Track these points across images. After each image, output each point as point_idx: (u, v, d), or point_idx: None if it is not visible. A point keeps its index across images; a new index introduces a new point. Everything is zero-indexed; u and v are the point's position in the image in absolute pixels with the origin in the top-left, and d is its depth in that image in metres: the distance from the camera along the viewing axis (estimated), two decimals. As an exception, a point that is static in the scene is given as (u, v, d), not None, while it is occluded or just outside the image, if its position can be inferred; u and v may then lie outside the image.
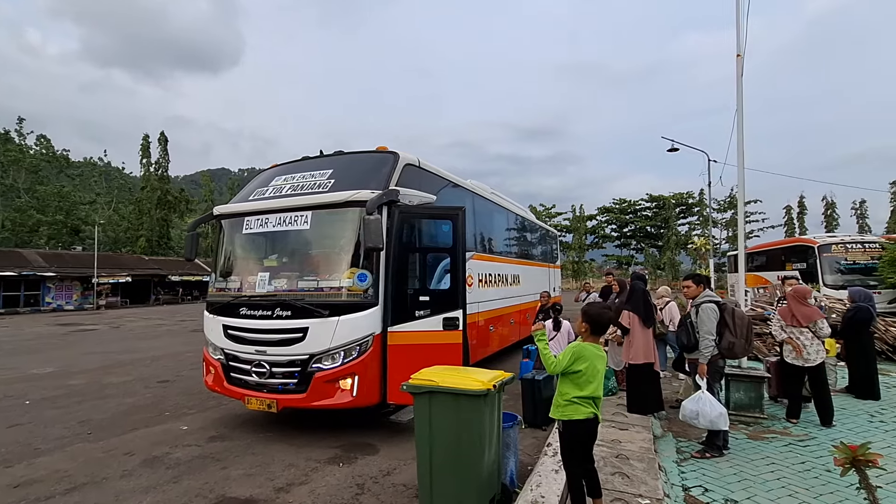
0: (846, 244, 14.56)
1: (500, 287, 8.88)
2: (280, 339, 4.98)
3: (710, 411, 3.92)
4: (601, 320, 3.06)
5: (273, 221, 5.39)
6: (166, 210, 48.74)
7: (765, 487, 3.59)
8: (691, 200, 45.62)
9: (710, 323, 4.20)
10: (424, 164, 6.18)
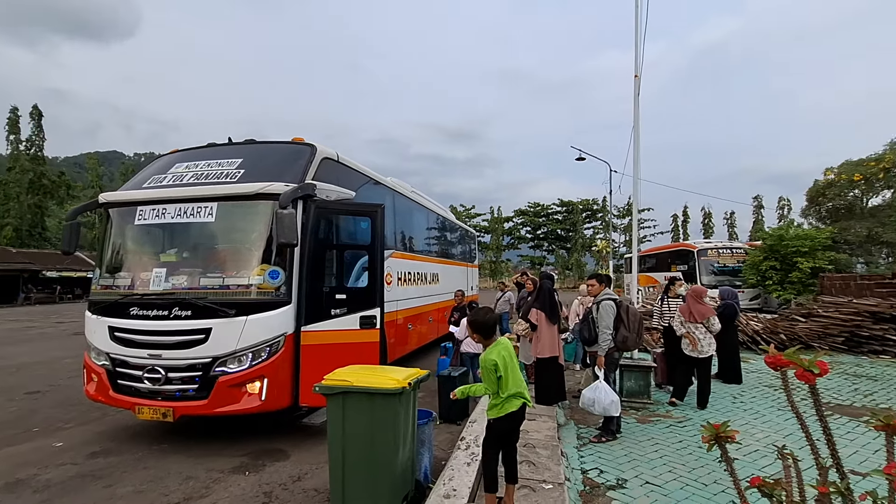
0: (718, 249, 16.81)
1: (419, 285, 8.95)
2: (178, 342, 4.58)
3: (605, 399, 4.31)
4: (489, 323, 3.14)
5: (172, 212, 4.93)
6: (41, 195, 42.13)
7: (650, 466, 4.02)
8: (596, 206, 49.47)
9: (608, 318, 4.60)
10: (343, 158, 6.03)
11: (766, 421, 5.19)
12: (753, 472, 3.46)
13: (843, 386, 6.76)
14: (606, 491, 3.59)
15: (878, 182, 22.63)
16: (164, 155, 6.05)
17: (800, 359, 1.59)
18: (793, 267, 14.10)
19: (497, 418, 3.06)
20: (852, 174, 22.95)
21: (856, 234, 20.74)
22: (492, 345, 3.11)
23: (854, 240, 20.74)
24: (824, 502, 1.60)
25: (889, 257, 21.99)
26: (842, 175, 23.62)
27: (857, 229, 20.90)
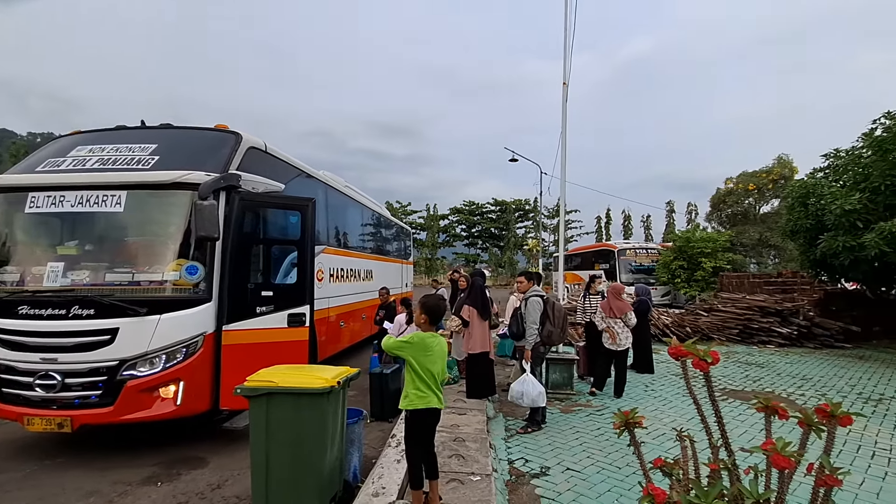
0: (636, 249, 18.20)
1: (352, 282, 8.78)
2: (78, 344, 4.14)
3: (532, 391, 4.51)
4: (440, 309, 3.25)
5: (71, 200, 4.44)
6: None
7: (571, 453, 4.26)
8: (528, 207, 51.31)
9: (535, 314, 4.81)
10: (272, 149, 5.76)
11: (673, 407, 5.69)
12: (660, 454, 3.79)
13: (737, 373, 7.59)
14: (531, 479, 3.76)
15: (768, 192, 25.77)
16: (63, 136, 5.42)
17: (696, 349, 1.77)
18: (698, 266, 15.59)
19: (413, 410, 3.09)
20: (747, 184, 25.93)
21: (749, 237, 23.49)
22: (433, 332, 3.18)
23: (748, 242, 23.48)
24: (715, 478, 1.79)
25: (776, 259, 25.06)
26: (739, 184, 26.60)
27: (750, 233, 23.69)
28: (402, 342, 3.05)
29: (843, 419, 1.65)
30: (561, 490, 3.57)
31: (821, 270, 10.84)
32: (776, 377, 7.36)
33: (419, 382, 3.05)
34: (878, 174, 8.62)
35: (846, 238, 8.80)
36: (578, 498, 3.45)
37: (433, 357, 3.08)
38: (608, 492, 3.54)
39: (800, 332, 10.24)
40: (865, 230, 8.56)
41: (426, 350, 3.05)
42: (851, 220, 8.73)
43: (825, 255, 9.48)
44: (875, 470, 3.97)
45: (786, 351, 9.75)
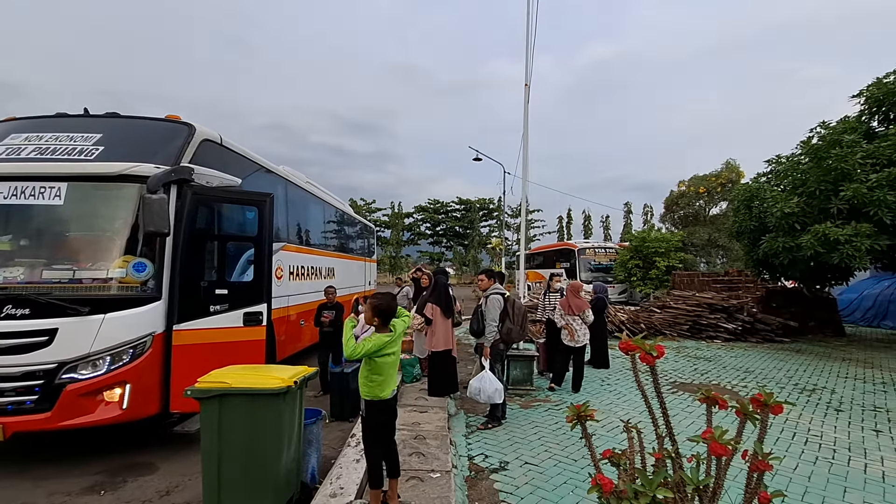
0: (595, 248, 18.77)
1: (313, 280, 8.60)
2: (11, 345, 3.85)
3: (489, 387, 4.57)
4: (391, 309, 3.21)
5: (4, 192, 4.13)
6: None
7: (529, 447, 4.35)
8: (492, 206, 51.90)
9: (494, 311, 4.88)
10: (228, 142, 5.56)
11: (627, 400, 5.91)
12: (613, 446, 3.93)
13: (686, 367, 7.98)
14: (490, 474, 3.81)
15: (717, 195, 27.20)
16: (-4, 122, 5.03)
17: (644, 344, 1.85)
18: (652, 265, 16.27)
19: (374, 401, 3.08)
20: (698, 187, 27.28)
21: (700, 237, 24.75)
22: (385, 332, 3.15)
23: (698, 243, 24.72)
24: (659, 466, 1.88)
25: (724, 258, 26.49)
26: (691, 187, 27.95)
27: (700, 234, 24.97)
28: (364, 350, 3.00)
29: (774, 408, 1.77)
30: (519, 484, 3.64)
31: (763, 269, 11.53)
32: (722, 370, 7.79)
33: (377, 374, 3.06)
34: (814, 180, 9.26)
35: (785, 239, 9.41)
36: (535, 491, 3.53)
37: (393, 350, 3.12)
38: (563, 484, 3.64)
39: (744, 328, 10.88)
40: (802, 232, 9.18)
41: (388, 347, 3.07)
42: (790, 222, 9.34)
43: (767, 255, 10.10)
44: (808, 455, 4.27)
45: (731, 345, 10.33)
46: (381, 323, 3.19)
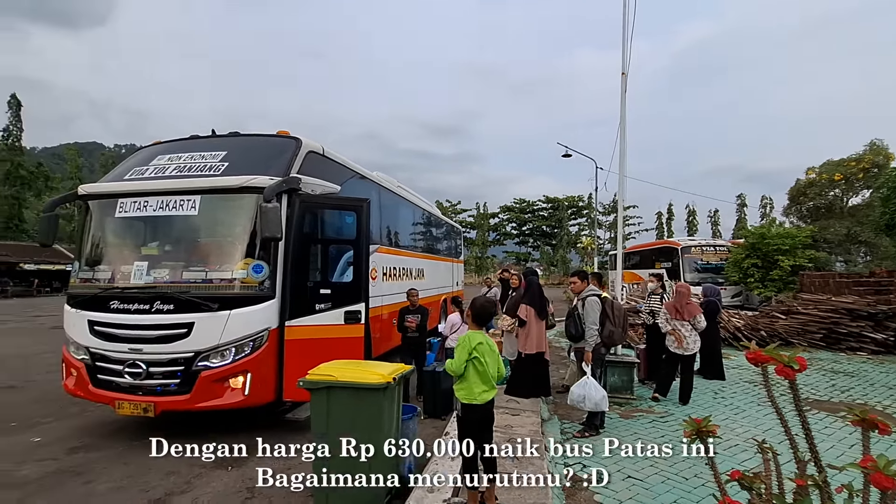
0: (702, 247, 17.05)
1: (404, 280, 8.91)
2: (160, 336, 4.50)
3: (595, 394, 4.35)
4: (484, 312, 3.30)
5: (154, 205, 4.83)
6: (18, 187, 41.00)
7: (632, 461, 4.06)
8: (581, 203, 49.82)
9: (593, 314, 4.64)
10: (329, 152, 5.96)
11: (746, 416, 5.29)
12: (733, 466, 3.53)
13: (821, 382, 6.92)
14: (589, 486, 3.62)
15: (857, 182, 23.19)
16: (145, 147, 5.91)
17: (780, 355, 1.62)
18: (774, 265, 14.37)
19: (469, 405, 3.10)
20: (833, 174, 23.48)
21: (835, 232, 21.22)
22: (477, 329, 3.22)
23: (833, 238, 21.22)
24: (802, 494, 1.63)
25: (867, 256, 22.57)
26: (822, 175, 24.14)
27: (836, 228, 21.39)
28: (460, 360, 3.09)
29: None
30: (622, 498, 3.42)
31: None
32: (869, 388, 6.64)
33: (477, 377, 3.07)
34: None
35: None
36: (641, 507, 3.29)
37: (485, 354, 3.10)
38: (674, 503, 3.34)
39: (897, 339, 9.17)
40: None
41: (479, 348, 3.07)
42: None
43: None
44: None
45: (880, 359, 8.76)
46: (476, 324, 3.23)
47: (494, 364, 3.15)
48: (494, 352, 3.17)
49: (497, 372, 3.15)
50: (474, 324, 3.25)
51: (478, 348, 3.06)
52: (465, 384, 3.10)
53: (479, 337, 3.14)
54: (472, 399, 3.07)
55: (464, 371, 3.08)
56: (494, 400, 3.18)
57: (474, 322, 3.27)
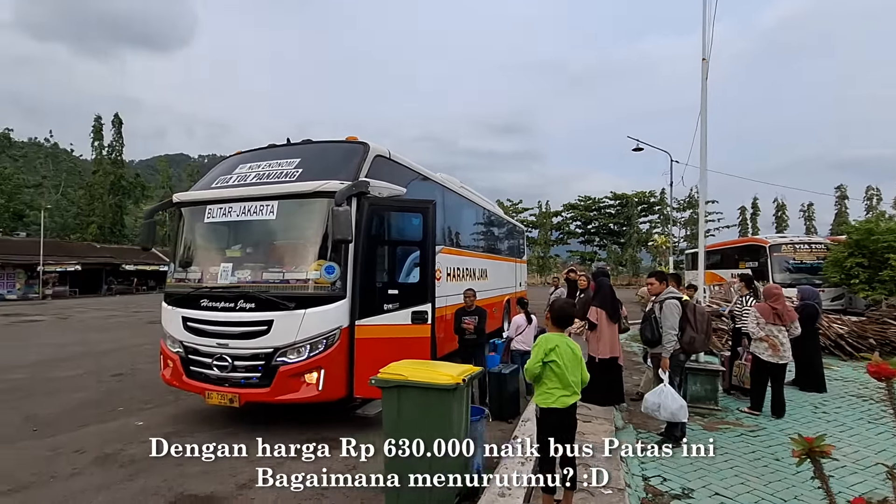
0: (795, 244, 15.41)
1: (467, 281, 8.89)
2: (243, 332, 4.82)
3: (671, 404, 4.07)
4: (563, 314, 3.20)
5: (237, 210, 5.19)
6: (120, 196, 46.22)
7: (719, 476, 3.76)
8: (653, 199, 47.12)
9: (672, 318, 4.34)
10: (395, 155, 6.09)
11: (853, 434, 4.72)
12: (840, 490, 3.15)
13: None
14: (671, 500, 3.40)
15: None
16: (227, 157, 6.37)
17: (915, 369, 1.40)
18: (883, 264, 12.66)
19: (545, 409, 3.02)
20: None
21: (959, 227, 18.34)
22: (558, 332, 3.13)
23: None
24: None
25: None
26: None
27: (961, 222, 18.49)
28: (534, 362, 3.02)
29: None
30: (709, 517, 3.16)
31: None
32: None
33: (554, 380, 2.98)
34: None
35: None
36: (732, 529, 3.02)
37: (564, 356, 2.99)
38: (770, 527, 3.04)
39: None
40: None
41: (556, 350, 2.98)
42: None
43: None
44: None
45: None
46: (556, 326, 3.15)
47: (576, 368, 3.03)
48: (577, 355, 3.05)
49: (581, 377, 3.03)
50: (554, 326, 3.17)
51: (555, 351, 2.96)
52: (542, 388, 3.02)
53: (557, 339, 3.04)
54: (549, 403, 2.97)
55: (540, 374, 2.99)
56: (576, 406, 3.07)
57: (554, 324, 3.18)
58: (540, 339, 3.07)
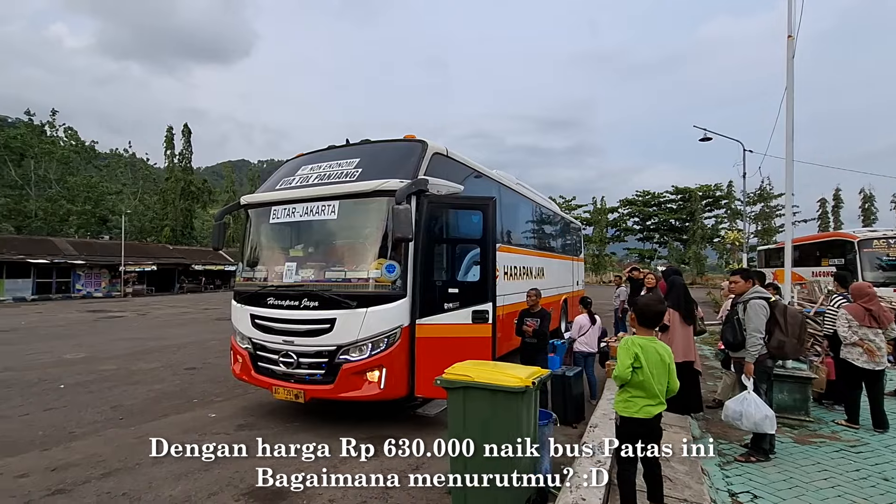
0: (889, 239, 13.85)
1: (524, 280, 8.69)
2: (307, 330, 4.92)
3: (756, 413, 3.71)
4: (648, 312, 2.94)
5: (300, 211, 5.32)
6: (190, 200, 49.73)
7: (819, 496, 3.38)
8: (718, 193, 44.21)
9: (758, 320, 3.96)
10: (452, 153, 6.01)
11: (980, 455, 4.11)
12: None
13: None
14: (765, 521, 3.08)
15: None
16: (287, 160, 6.55)
17: None
18: None
19: (626, 417, 2.82)
20: None
21: None
22: (645, 334, 2.91)
23: None
24: None
25: None
26: None
27: None
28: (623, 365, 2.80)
29: None
30: (812, 543, 2.83)
31: None
32: None
33: (638, 387, 2.79)
34: None
35: None
36: (843, 558, 2.68)
37: (649, 362, 2.78)
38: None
39: None
40: None
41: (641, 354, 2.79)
42: None
43: None
44: None
45: None
46: (635, 322, 2.94)
47: (663, 374, 2.80)
48: (665, 361, 2.82)
49: (669, 385, 2.81)
50: (641, 327, 2.95)
51: (639, 355, 2.76)
52: (625, 394, 2.82)
53: (643, 342, 2.83)
54: (631, 412, 2.77)
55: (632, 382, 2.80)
56: (661, 416, 2.84)
57: (639, 324, 2.96)
58: (624, 341, 2.86)
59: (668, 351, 2.86)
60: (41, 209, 39.53)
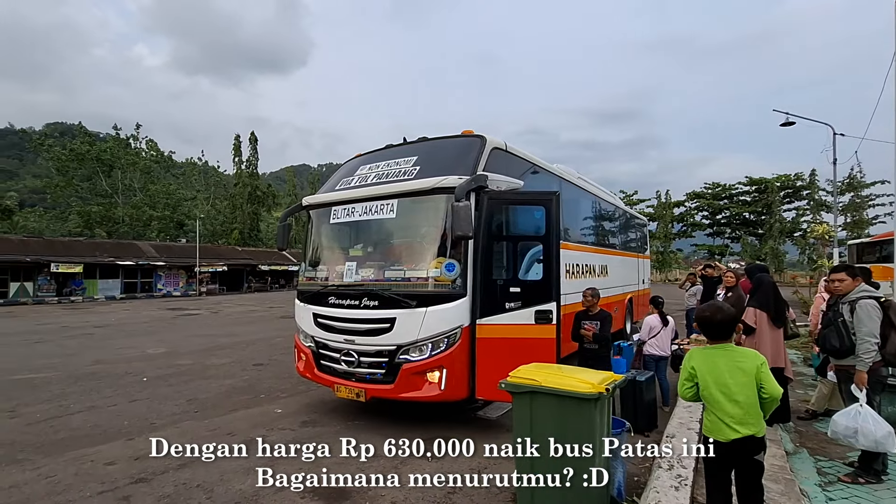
0: None
1: (587, 278, 8.29)
2: (368, 329, 4.93)
3: (875, 429, 3.23)
4: (713, 321, 2.53)
5: (359, 210, 5.34)
6: (256, 205, 52.75)
7: (954, 530, 2.88)
8: (799, 183, 40.44)
9: (871, 323, 3.46)
10: (511, 147, 5.82)
11: None
12: None
13: None
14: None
15: None
16: (345, 162, 6.63)
17: None
18: None
19: (706, 436, 2.54)
20: None
21: None
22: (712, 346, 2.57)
23: None
24: None
25: None
26: None
27: None
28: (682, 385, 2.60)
29: None
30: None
31: None
32: None
33: (710, 407, 2.49)
34: None
35: None
36: None
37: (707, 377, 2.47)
38: None
39: None
40: None
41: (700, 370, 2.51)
42: None
43: None
44: None
45: None
46: (709, 338, 2.60)
47: (740, 389, 2.37)
48: (743, 368, 2.39)
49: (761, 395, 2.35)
50: (709, 339, 2.61)
51: (696, 371, 2.48)
52: (706, 412, 2.53)
53: (704, 353, 2.52)
54: (711, 433, 2.47)
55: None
56: (759, 442, 2.39)
57: (706, 336, 2.63)
58: (687, 355, 2.58)
59: (752, 355, 2.45)
60: (127, 215, 43.47)
